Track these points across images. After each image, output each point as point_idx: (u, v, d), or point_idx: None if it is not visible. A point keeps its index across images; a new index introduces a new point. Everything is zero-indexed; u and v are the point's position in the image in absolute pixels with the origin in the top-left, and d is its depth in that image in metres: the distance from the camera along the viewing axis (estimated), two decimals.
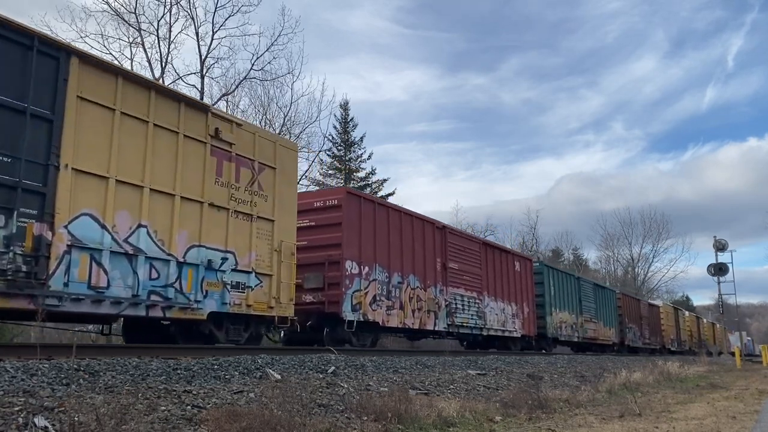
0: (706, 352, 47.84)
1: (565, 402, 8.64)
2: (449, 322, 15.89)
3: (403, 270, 14.27)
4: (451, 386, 8.70)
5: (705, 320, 59.08)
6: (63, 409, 4.18)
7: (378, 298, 13.16)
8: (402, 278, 14.14)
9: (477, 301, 17.50)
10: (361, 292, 12.67)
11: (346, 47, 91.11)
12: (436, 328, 15.41)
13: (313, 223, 12.70)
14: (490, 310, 18.31)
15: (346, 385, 7.00)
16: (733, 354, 48.16)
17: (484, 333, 17.94)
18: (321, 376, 7.43)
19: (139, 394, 4.97)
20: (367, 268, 12.91)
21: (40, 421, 3.90)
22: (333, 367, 8.08)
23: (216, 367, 6.74)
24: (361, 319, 12.59)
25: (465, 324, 16.76)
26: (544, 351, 22.06)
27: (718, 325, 63.20)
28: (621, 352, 30.59)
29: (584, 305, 26.13)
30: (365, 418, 5.68)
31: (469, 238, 18.71)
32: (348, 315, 12.20)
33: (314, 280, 12.18)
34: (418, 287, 14.74)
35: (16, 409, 4.05)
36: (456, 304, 16.37)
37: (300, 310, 11.56)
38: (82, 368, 5.47)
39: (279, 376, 6.77)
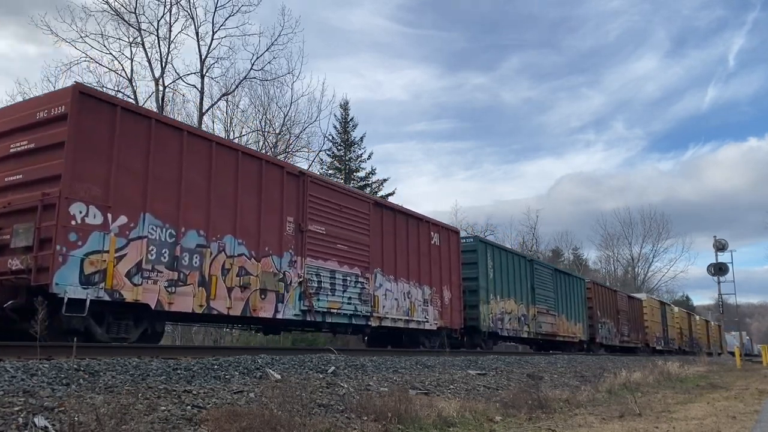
0: (699, 352, 45.77)
1: (565, 402, 8.64)
2: (305, 307, 11.46)
3: (211, 227, 9.72)
4: (451, 386, 8.70)
5: (698, 317, 56.55)
6: (63, 409, 4.18)
7: (151, 268, 8.70)
8: (206, 239, 9.64)
9: (361, 280, 13.10)
10: (105, 255, 8.10)
11: (347, 46, 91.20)
12: (280, 315, 10.98)
13: (32, 146, 8.30)
14: (385, 293, 13.91)
15: (346, 385, 7.00)
16: (732, 354, 48.04)
17: (373, 323, 13.55)
18: (321, 376, 7.43)
19: (139, 394, 4.97)
20: (124, 219, 8.41)
21: (40, 421, 3.90)
22: (333, 367, 8.08)
23: (216, 367, 6.74)
24: (106, 298, 8.07)
25: (335, 310, 12.31)
26: (479, 349, 18.01)
27: (713, 323, 61.75)
28: (593, 351, 27.05)
29: (539, 294, 21.70)
30: (365, 418, 5.68)
31: (351, 194, 13.64)
32: (70, 290, 7.64)
33: (24, 235, 7.88)
34: (243, 255, 10.27)
35: (16, 409, 4.05)
36: (319, 281, 11.98)
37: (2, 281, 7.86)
38: (82, 368, 5.47)
39: (279, 376, 6.77)
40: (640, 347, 34.21)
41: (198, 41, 25.77)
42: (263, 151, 27.92)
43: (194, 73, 26.11)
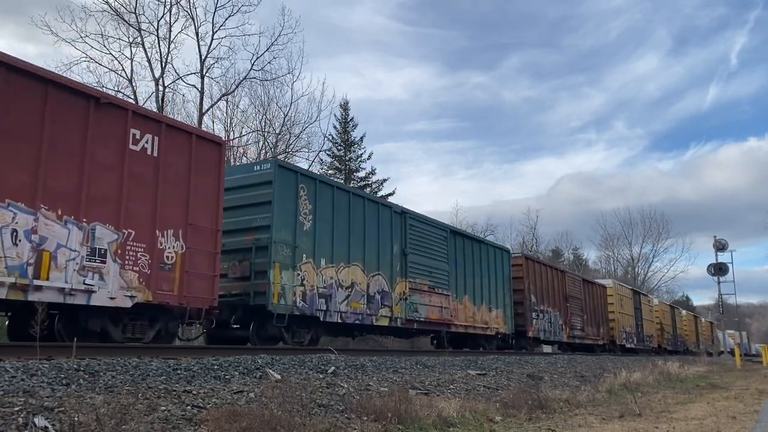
0: (684, 351, 42.88)
1: (565, 402, 8.64)
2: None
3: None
4: (451, 386, 8.70)
5: (684, 312, 51.34)
6: (63, 409, 4.18)
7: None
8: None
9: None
10: None
11: (347, 45, 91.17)
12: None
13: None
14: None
15: (346, 385, 7.00)
16: (732, 353, 47.62)
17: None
18: (321, 376, 7.43)
19: (139, 394, 4.97)
20: None
21: (40, 421, 3.90)
22: (333, 367, 8.08)
23: (216, 367, 6.74)
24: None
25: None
26: (257, 345, 10.84)
27: (703, 320, 58.52)
28: (525, 348, 21.00)
29: (415, 264, 14.96)
30: (365, 418, 5.68)
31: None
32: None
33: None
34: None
35: (16, 409, 4.06)
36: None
37: None
38: (82, 368, 5.47)
39: (279, 376, 6.77)
40: (603, 345, 28.41)
41: (198, 41, 25.76)
42: (263, 152, 27.79)
43: (194, 73, 26.09)
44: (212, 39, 25.88)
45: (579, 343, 25.91)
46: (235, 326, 11.54)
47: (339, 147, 35.68)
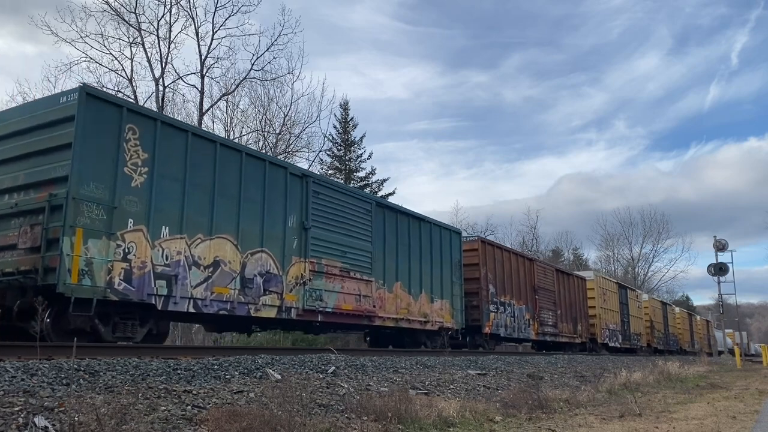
0: (677, 351, 41.12)
1: (565, 402, 8.64)
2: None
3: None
4: (451, 386, 8.70)
5: (677, 309, 48.26)
6: (63, 409, 4.18)
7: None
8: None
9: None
10: None
11: (347, 44, 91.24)
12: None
13: None
14: None
15: (346, 385, 7.00)
16: (730, 353, 47.31)
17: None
18: (321, 376, 7.43)
19: (139, 394, 4.97)
20: None
21: (40, 421, 3.90)
22: (333, 367, 8.08)
23: (216, 367, 6.74)
24: None
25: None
26: (54, 341, 7.76)
27: (698, 318, 56.04)
28: (483, 346, 18.12)
29: (323, 241, 12.02)
30: (365, 418, 5.68)
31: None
32: None
33: None
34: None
35: (16, 409, 4.05)
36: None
37: None
38: (82, 368, 5.47)
39: (279, 376, 6.77)
40: (581, 343, 25.84)
41: (198, 41, 25.76)
42: (263, 151, 27.97)
43: (194, 73, 26.09)
44: (212, 39, 25.90)
45: (551, 341, 23.03)
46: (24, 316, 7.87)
47: (339, 147, 35.68)
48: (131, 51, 24.80)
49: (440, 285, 16.08)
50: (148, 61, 24.96)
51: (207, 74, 26.17)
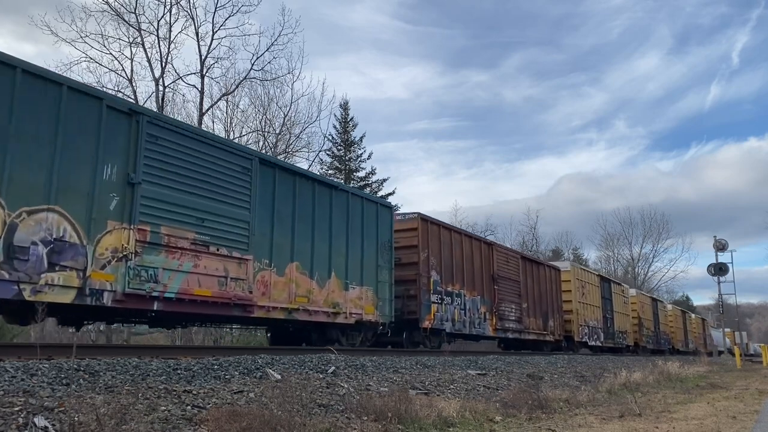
0: (669, 351, 38.94)
1: (565, 402, 8.64)
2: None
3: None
4: (451, 386, 8.70)
5: (670, 306, 45.46)
6: (63, 409, 4.18)
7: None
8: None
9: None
10: None
11: (347, 43, 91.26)
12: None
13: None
14: None
15: (346, 385, 7.01)
16: (729, 353, 46.96)
17: None
18: (321, 376, 7.43)
19: (139, 394, 4.97)
20: None
21: (40, 421, 3.90)
22: (333, 367, 8.08)
23: (216, 367, 6.74)
24: None
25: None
26: None
27: (693, 316, 53.49)
28: (419, 343, 14.99)
29: (161, 200, 8.90)
30: (365, 418, 5.68)
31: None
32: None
33: None
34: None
35: (16, 409, 4.05)
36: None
37: None
38: (82, 368, 5.47)
39: (279, 376, 6.77)
40: (555, 341, 23.06)
41: (198, 41, 25.78)
42: (264, 151, 27.94)
43: (194, 73, 26.12)
44: (212, 39, 25.93)
45: (514, 338, 20.05)
46: None
47: (339, 147, 35.72)
48: (131, 51, 24.84)
49: (360, 269, 12.80)
50: (148, 61, 24.99)
51: (207, 74, 26.21)
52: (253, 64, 26.73)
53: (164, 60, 25.25)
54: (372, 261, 13.33)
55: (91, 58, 24.15)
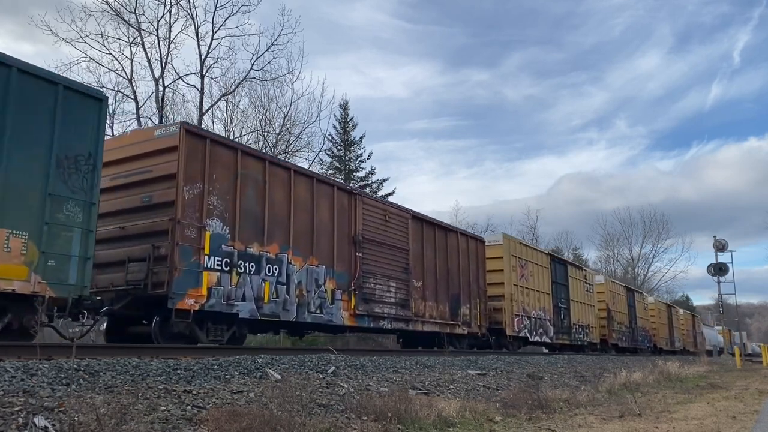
0: (650, 350, 35.20)
1: (565, 402, 8.64)
2: None
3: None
4: (451, 386, 8.70)
5: (651, 299, 40.24)
6: (63, 409, 4.18)
7: None
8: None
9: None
10: None
11: (347, 42, 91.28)
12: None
13: None
14: None
15: (346, 385, 7.01)
16: (729, 354, 46.41)
17: None
18: (321, 376, 7.43)
19: (139, 394, 4.97)
20: None
21: (40, 421, 3.90)
22: (333, 367, 8.08)
23: (216, 367, 6.74)
24: None
25: None
26: None
27: (681, 311, 48.15)
28: (179, 335, 9.25)
29: None
30: (365, 418, 5.68)
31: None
32: None
33: None
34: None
35: (16, 409, 4.05)
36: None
37: None
38: (82, 368, 5.47)
39: (279, 376, 6.77)
40: (471, 334, 17.36)
41: (198, 41, 25.79)
42: (264, 151, 28.06)
43: (194, 73, 26.15)
44: (212, 39, 25.94)
45: (394, 329, 14.39)
46: None
47: (339, 147, 35.72)
48: (131, 51, 24.86)
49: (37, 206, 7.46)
50: (148, 61, 25.00)
51: (207, 74, 26.23)
52: (253, 64, 26.76)
53: (164, 60, 25.28)
54: (32, 184, 7.47)
55: (91, 58, 24.19)
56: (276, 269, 11.05)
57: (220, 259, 9.96)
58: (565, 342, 23.41)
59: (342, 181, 15.75)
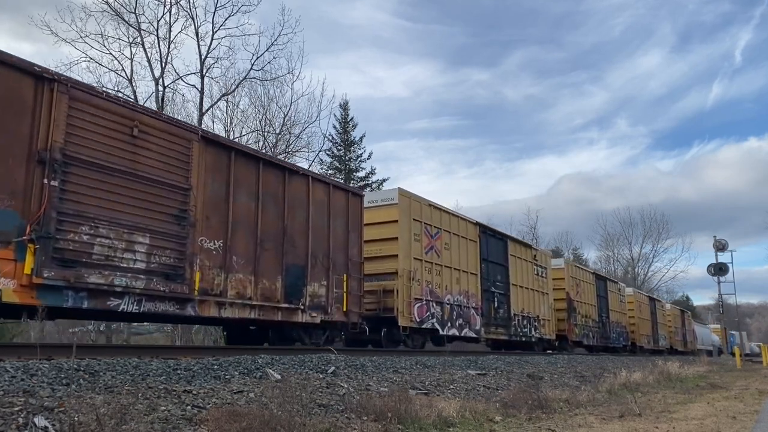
0: (629, 349, 31.47)
1: (565, 402, 8.64)
2: None
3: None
4: (451, 386, 8.70)
5: (629, 290, 35.17)
6: (63, 409, 4.18)
7: None
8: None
9: None
10: None
11: (347, 41, 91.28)
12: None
13: None
14: None
15: (346, 385, 7.01)
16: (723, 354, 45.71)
17: None
18: (321, 376, 7.43)
19: (139, 394, 4.97)
20: None
21: (40, 421, 3.90)
22: (333, 367, 8.08)
23: (216, 367, 6.74)
24: None
25: None
26: None
27: (668, 306, 43.01)
28: None
29: None
30: (365, 418, 5.68)
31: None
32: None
33: None
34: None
35: (16, 409, 4.05)
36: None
37: None
38: (82, 368, 5.47)
39: (279, 376, 6.77)
40: (344, 323, 12.21)
41: (198, 41, 25.77)
42: (264, 151, 28.09)
43: (194, 73, 26.11)
44: (212, 39, 25.91)
45: (157, 313, 8.83)
46: None
47: (339, 147, 35.74)
48: (131, 51, 24.84)
49: None
50: (148, 61, 24.99)
51: (207, 74, 26.21)
52: (253, 64, 26.74)
53: (164, 60, 25.26)
54: None
55: (91, 58, 24.16)
56: None
57: None
58: (502, 337, 18.60)
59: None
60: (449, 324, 15.71)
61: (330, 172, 34.64)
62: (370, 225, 13.87)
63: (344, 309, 12.25)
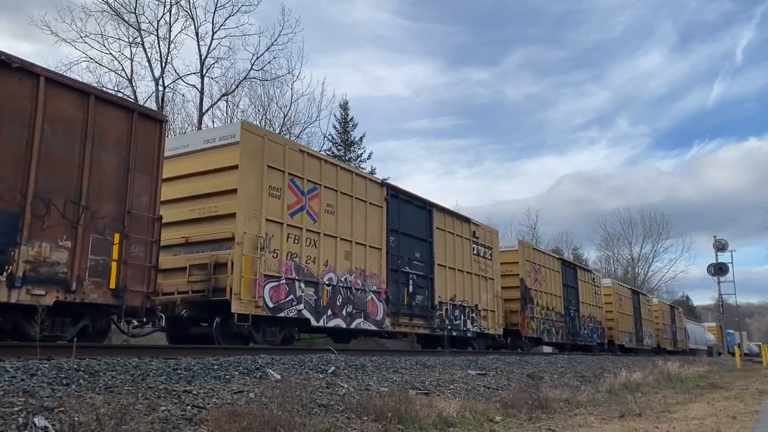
0: (605, 346, 28.08)
1: (565, 402, 8.64)
2: None
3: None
4: (451, 386, 8.70)
5: (607, 281, 31.87)
6: (63, 409, 4.18)
7: None
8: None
9: None
10: None
11: (347, 40, 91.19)
12: None
13: None
14: None
15: (346, 385, 7.01)
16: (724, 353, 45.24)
17: None
18: (321, 376, 7.43)
19: (139, 394, 4.97)
20: None
21: (40, 421, 3.90)
22: (333, 367, 8.08)
23: (216, 367, 6.74)
24: None
25: None
26: None
27: (655, 301, 40.57)
28: None
29: None
30: (365, 418, 5.68)
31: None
32: None
33: None
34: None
35: (16, 409, 4.05)
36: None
37: None
38: (82, 368, 5.47)
39: (279, 376, 6.77)
40: (102, 309, 8.06)
41: (198, 41, 25.80)
42: None
43: (194, 73, 26.15)
44: (212, 39, 25.95)
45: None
46: None
47: (339, 147, 35.73)
48: (131, 51, 24.87)
49: None
50: (148, 61, 25.01)
51: (207, 74, 26.24)
52: (253, 64, 26.78)
53: (164, 60, 25.29)
54: None
55: (91, 58, 24.19)
56: None
57: None
58: (420, 331, 14.87)
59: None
60: (330, 312, 11.86)
61: None
62: (204, 174, 10.66)
63: (112, 286, 8.19)
